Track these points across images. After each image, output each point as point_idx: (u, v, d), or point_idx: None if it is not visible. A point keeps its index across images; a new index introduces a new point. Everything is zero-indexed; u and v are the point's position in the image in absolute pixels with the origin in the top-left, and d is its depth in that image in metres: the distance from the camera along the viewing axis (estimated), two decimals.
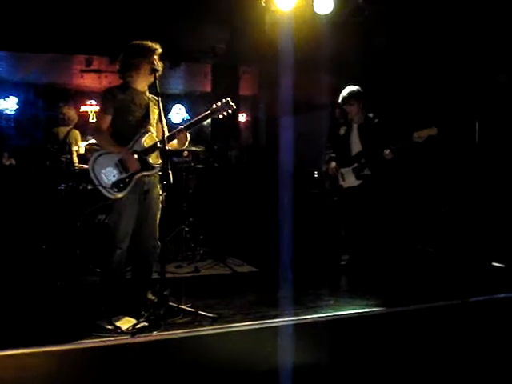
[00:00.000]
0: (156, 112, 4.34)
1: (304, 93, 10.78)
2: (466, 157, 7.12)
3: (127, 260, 4.26)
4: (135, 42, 4.26)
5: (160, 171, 4.21)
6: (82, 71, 10.90)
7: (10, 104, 12.14)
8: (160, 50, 4.24)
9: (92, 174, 4.12)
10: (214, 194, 7.50)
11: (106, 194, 4.11)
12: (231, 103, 4.26)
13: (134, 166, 4.12)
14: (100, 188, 4.11)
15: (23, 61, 10.22)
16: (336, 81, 8.72)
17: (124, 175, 4.12)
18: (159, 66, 4.20)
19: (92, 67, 10.38)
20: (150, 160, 4.20)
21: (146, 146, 4.18)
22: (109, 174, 4.11)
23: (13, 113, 12.15)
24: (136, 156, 4.13)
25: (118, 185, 4.10)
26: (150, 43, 4.23)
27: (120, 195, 4.10)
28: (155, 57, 4.20)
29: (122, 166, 4.13)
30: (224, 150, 8.47)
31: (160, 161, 4.22)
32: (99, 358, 3.46)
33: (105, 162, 4.13)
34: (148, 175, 4.23)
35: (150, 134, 4.22)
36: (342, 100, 5.81)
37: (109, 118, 4.19)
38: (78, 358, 3.39)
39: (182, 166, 6.58)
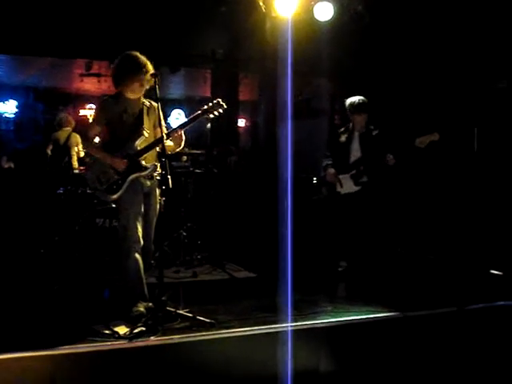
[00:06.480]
0: (150, 119, 4.39)
1: (303, 98, 10.81)
2: (464, 163, 7.13)
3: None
4: (128, 54, 4.26)
5: (158, 175, 4.29)
6: (82, 75, 10.93)
7: (9, 107, 12.17)
8: (151, 68, 4.23)
9: (88, 177, 4.31)
10: (212, 199, 7.49)
11: (101, 196, 4.27)
12: (222, 103, 4.32)
13: (121, 165, 4.16)
14: (95, 191, 4.28)
15: (23, 64, 10.25)
16: (335, 87, 8.75)
17: (116, 177, 4.19)
18: (149, 82, 4.23)
19: (92, 71, 10.41)
20: (143, 162, 4.25)
21: (138, 148, 4.24)
22: (103, 177, 4.21)
23: (12, 116, 12.18)
24: (122, 157, 4.19)
25: (111, 187, 4.19)
26: (140, 59, 4.22)
27: (114, 196, 4.18)
28: (144, 76, 4.20)
29: (114, 168, 4.20)
30: (223, 155, 8.46)
31: (153, 162, 4.29)
32: (96, 362, 3.45)
33: (99, 165, 4.24)
34: (142, 176, 4.25)
35: (143, 137, 4.27)
36: (354, 108, 5.72)
37: (98, 129, 4.30)
38: (75, 363, 3.37)
39: (181, 170, 6.58)
